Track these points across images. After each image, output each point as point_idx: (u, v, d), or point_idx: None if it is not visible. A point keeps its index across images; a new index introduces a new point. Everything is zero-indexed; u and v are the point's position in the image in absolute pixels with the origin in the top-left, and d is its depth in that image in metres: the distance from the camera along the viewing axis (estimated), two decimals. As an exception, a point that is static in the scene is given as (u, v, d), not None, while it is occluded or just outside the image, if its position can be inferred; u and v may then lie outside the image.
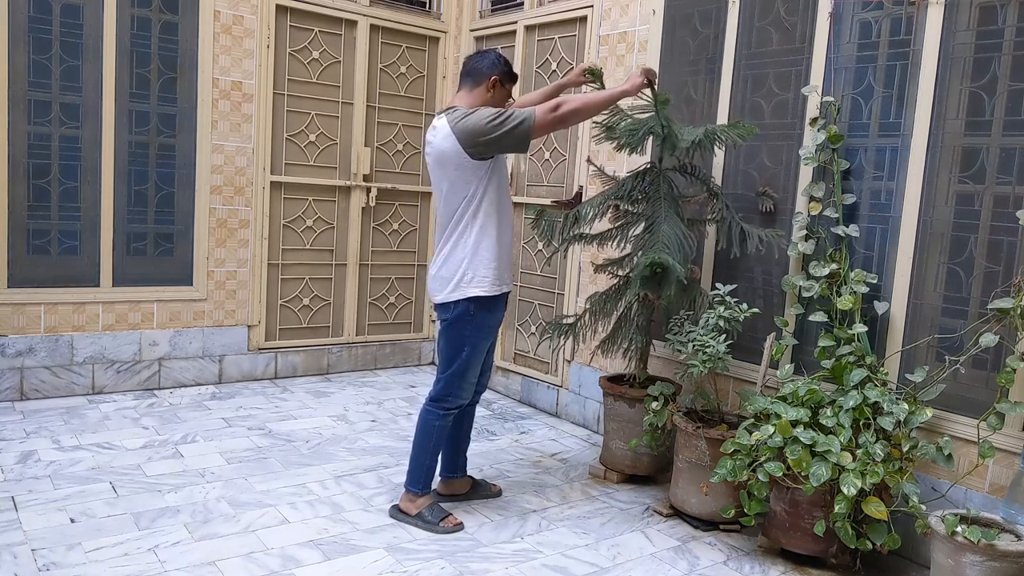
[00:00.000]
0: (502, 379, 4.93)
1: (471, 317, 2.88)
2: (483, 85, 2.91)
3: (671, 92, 3.85)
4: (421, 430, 2.99)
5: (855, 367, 2.85)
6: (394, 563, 2.65)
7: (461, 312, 2.87)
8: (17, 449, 3.41)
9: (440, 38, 5.31)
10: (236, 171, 4.57)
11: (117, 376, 4.32)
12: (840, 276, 3.01)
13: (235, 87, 4.51)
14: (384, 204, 5.19)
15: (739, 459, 2.79)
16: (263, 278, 4.75)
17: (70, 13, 4.03)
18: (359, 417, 4.23)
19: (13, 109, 3.93)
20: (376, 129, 5.11)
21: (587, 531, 3.01)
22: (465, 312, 2.87)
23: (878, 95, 3.05)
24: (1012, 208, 2.67)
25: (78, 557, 2.54)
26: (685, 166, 3.41)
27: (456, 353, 2.92)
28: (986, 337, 2.60)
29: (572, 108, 2.79)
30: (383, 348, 5.32)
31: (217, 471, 3.33)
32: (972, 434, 2.67)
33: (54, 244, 4.12)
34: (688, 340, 3.11)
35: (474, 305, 2.87)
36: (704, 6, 3.70)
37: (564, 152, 4.49)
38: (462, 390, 2.97)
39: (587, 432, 4.25)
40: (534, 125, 2.73)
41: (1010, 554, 2.30)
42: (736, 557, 2.88)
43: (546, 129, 2.79)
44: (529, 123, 2.72)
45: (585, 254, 4.27)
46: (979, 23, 2.78)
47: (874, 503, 2.57)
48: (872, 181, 3.07)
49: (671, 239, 3.04)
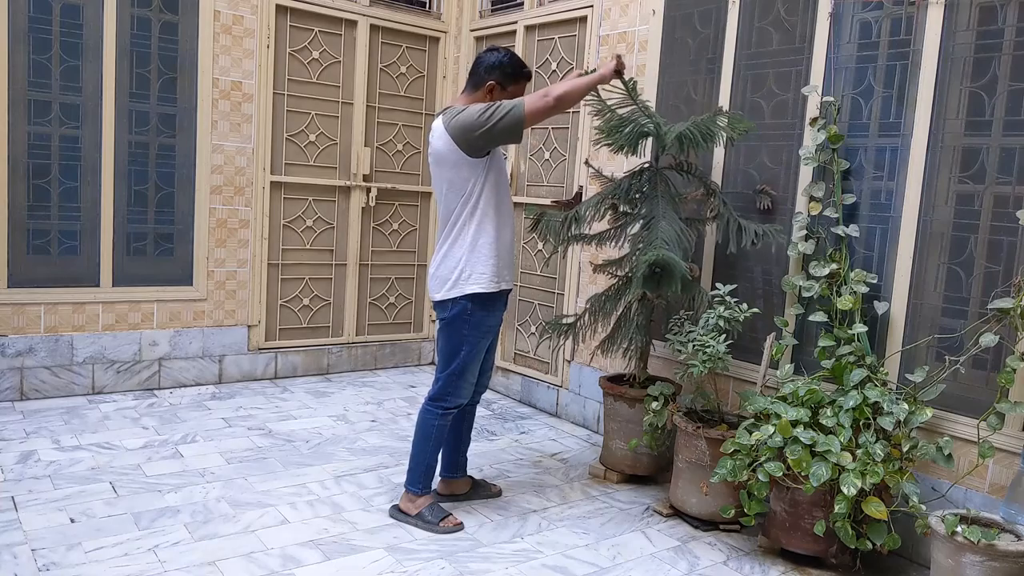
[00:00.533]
0: (502, 379, 4.93)
1: (469, 316, 2.87)
2: (481, 90, 2.90)
3: (671, 92, 3.86)
4: (420, 430, 2.99)
5: (855, 367, 2.85)
6: (394, 563, 2.65)
7: (459, 311, 2.87)
8: (17, 449, 3.41)
9: (440, 38, 5.31)
10: (236, 171, 4.57)
11: (117, 376, 4.32)
12: (840, 276, 3.01)
13: (235, 87, 4.51)
14: (384, 204, 5.19)
15: (739, 459, 2.79)
16: (263, 278, 4.75)
17: (70, 13, 4.03)
18: (359, 417, 4.23)
19: (13, 109, 3.93)
20: (376, 129, 5.11)
21: (587, 531, 3.02)
22: (463, 311, 2.87)
23: (878, 95, 3.05)
24: (1012, 208, 2.67)
25: (78, 557, 2.54)
26: (682, 164, 3.40)
27: (454, 352, 2.91)
28: (986, 337, 2.60)
29: (560, 93, 2.75)
30: (383, 348, 5.32)
31: (217, 471, 3.33)
32: (972, 434, 2.67)
33: (54, 244, 4.12)
34: (688, 340, 3.11)
35: (472, 303, 2.86)
36: (704, 6, 3.70)
37: (564, 152, 4.50)
38: (461, 390, 2.96)
39: (587, 432, 4.25)
40: (525, 113, 2.71)
41: (1010, 554, 2.30)
42: (736, 557, 2.88)
43: (538, 116, 2.75)
44: (520, 110, 2.70)
45: (585, 254, 4.27)
46: (979, 23, 2.78)
47: (874, 503, 2.57)
48: (872, 181, 3.07)
49: (669, 235, 3.04)
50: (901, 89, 2.99)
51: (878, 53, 3.06)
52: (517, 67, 2.93)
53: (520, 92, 2.97)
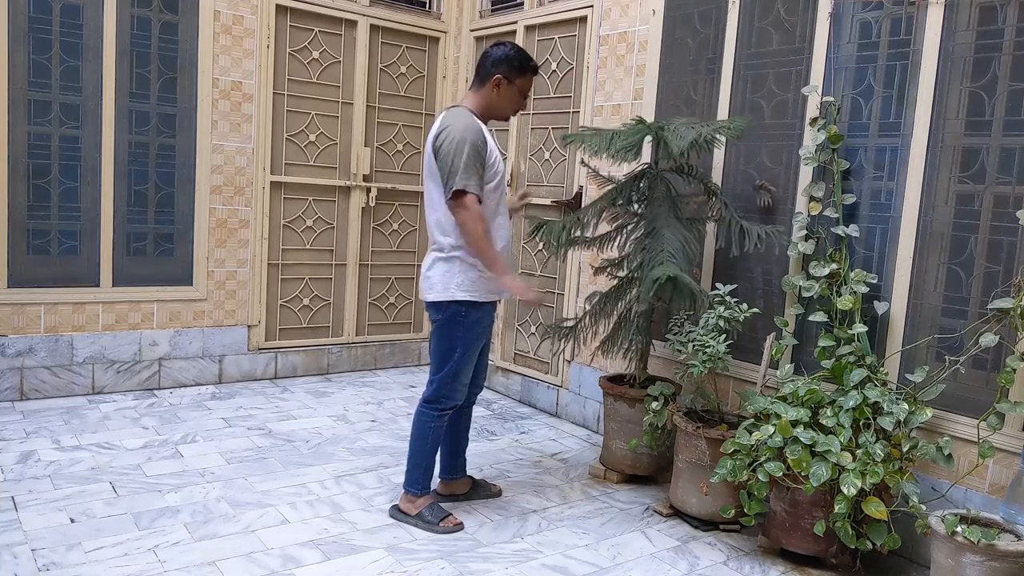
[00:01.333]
0: (502, 379, 4.93)
1: (462, 318, 2.85)
2: (487, 84, 2.88)
3: (671, 92, 3.86)
4: (417, 432, 2.98)
5: (855, 367, 2.85)
6: (394, 563, 2.65)
7: (452, 313, 2.85)
8: (17, 449, 3.41)
9: (440, 38, 5.31)
10: (236, 171, 4.57)
11: (117, 376, 4.32)
12: (840, 276, 3.01)
13: (235, 87, 4.51)
14: (384, 204, 5.19)
15: (739, 459, 2.79)
16: (263, 278, 4.75)
17: (70, 13, 4.03)
18: (359, 417, 4.23)
19: (13, 109, 3.92)
20: (376, 129, 5.11)
21: (587, 531, 3.01)
22: (456, 313, 2.85)
23: (878, 95, 3.05)
24: (1012, 208, 2.67)
25: (78, 557, 2.54)
26: (682, 166, 3.40)
27: (448, 355, 2.89)
28: (986, 337, 2.60)
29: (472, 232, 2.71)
30: (383, 348, 5.32)
31: (217, 471, 3.33)
32: (972, 434, 2.67)
33: (54, 244, 4.12)
34: (688, 340, 3.11)
35: (465, 306, 2.85)
36: (704, 6, 3.70)
37: (564, 153, 4.50)
38: (455, 391, 2.95)
39: (587, 432, 4.25)
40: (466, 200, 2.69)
41: (1010, 554, 2.30)
42: (736, 557, 2.88)
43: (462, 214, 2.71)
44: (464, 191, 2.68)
45: (585, 254, 4.27)
46: (979, 23, 2.78)
47: (874, 503, 2.57)
48: (872, 181, 3.07)
49: (676, 247, 3.04)
50: (901, 89, 2.99)
51: (878, 53, 3.06)
52: (524, 61, 2.91)
53: (527, 87, 2.94)
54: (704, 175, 3.46)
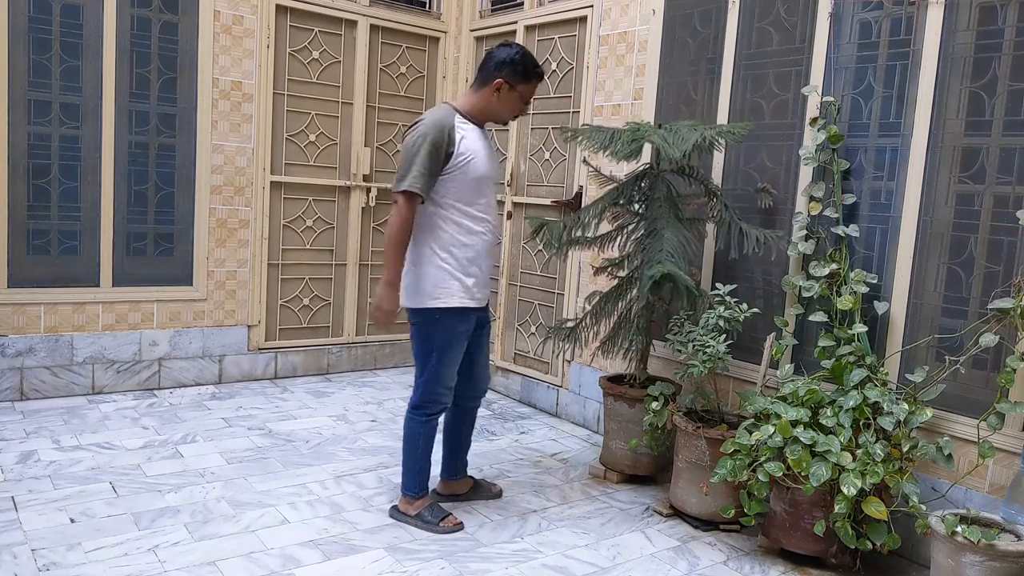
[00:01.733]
0: (502, 379, 4.92)
1: (437, 320, 2.80)
2: (488, 87, 2.81)
3: (671, 92, 3.86)
4: (407, 438, 2.95)
5: (855, 367, 2.85)
6: (394, 563, 2.65)
7: (426, 317, 2.81)
8: (17, 449, 3.41)
9: (440, 38, 5.31)
10: (236, 171, 4.57)
11: (117, 376, 4.32)
12: (840, 276, 3.01)
13: (235, 87, 4.51)
14: (384, 204, 5.19)
15: (739, 459, 2.79)
16: (263, 278, 4.75)
17: (70, 13, 4.03)
18: (359, 417, 4.23)
19: (13, 109, 3.92)
20: (376, 129, 5.11)
21: (587, 531, 3.01)
22: (429, 318, 2.80)
23: (878, 95, 3.05)
24: (1012, 208, 2.67)
25: (78, 557, 2.54)
26: (683, 167, 3.40)
27: (425, 359, 2.85)
28: (986, 337, 2.60)
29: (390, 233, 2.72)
30: (383, 348, 5.32)
31: (217, 471, 3.32)
32: (972, 434, 2.67)
33: (54, 244, 4.12)
34: (688, 340, 3.11)
35: (439, 312, 2.80)
36: (704, 6, 3.70)
37: (564, 152, 4.50)
38: (439, 395, 2.90)
39: (587, 432, 4.25)
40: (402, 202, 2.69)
41: (1010, 554, 2.30)
42: (736, 557, 2.88)
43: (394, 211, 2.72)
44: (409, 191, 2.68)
45: (585, 254, 4.27)
46: (979, 23, 2.78)
47: (874, 503, 2.57)
48: (872, 181, 3.07)
49: (675, 247, 3.04)
50: (901, 89, 2.98)
51: (878, 53, 3.05)
52: (530, 67, 2.81)
53: (530, 93, 2.86)
54: (704, 176, 3.46)
